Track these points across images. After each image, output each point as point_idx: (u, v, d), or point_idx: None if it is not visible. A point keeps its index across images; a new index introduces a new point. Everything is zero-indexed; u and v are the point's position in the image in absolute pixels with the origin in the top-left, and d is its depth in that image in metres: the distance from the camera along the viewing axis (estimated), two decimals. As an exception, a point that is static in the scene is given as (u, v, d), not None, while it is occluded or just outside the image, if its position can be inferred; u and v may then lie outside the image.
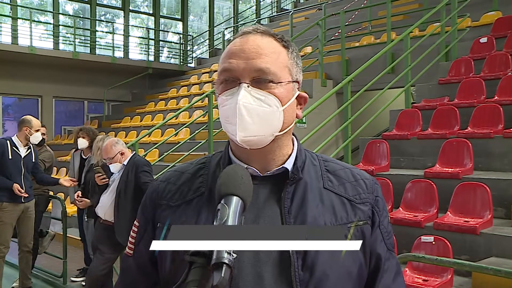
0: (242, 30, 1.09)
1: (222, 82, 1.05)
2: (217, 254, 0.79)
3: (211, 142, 7.33)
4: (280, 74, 1.04)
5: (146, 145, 9.25)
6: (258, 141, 1.03)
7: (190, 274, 0.80)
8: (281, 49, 1.07)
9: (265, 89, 1.02)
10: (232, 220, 0.84)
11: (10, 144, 5.05)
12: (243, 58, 1.03)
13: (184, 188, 1.11)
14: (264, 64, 1.02)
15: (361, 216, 1.08)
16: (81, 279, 5.79)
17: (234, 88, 1.03)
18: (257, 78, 1.02)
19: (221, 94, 1.05)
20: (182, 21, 17.74)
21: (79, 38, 14.98)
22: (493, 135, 4.94)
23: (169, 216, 1.08)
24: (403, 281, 1.15)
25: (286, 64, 1.07)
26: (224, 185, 0.90)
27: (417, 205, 4.44)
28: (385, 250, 1.11)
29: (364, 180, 1.13)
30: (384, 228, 1.12)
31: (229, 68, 1.04)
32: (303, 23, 13.96)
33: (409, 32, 6.68)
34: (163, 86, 14.97)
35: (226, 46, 1.10)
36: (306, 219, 1.03)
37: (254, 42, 1.05)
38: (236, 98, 1.01)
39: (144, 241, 1.13)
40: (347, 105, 5.84)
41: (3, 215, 5.03)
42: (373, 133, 8.69)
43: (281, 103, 1.04)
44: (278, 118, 1.04)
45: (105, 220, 4.43)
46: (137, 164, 4.34)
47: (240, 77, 1.03)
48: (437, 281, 3.47)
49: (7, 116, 14.50)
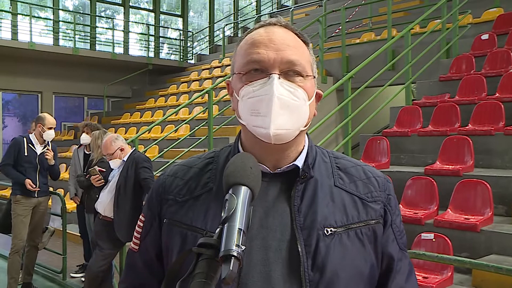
0: (264, 21, 1.07)
1: (247, 72, 1.01)
2: (226, 246, 0.76)
3: (211, 139, 7.32)
4: (307, 68, 1.02)
5: (146, 141, 9.25)
6: (286, 135, 0.99)
7: (198, 266, 0.78)
8: (303, 44, 1.06)
9: (295, 82, 1.00)
10: (241, 210, 0.82)
11: (26, 141, 5.23)
12: (272, 48, 1.00)
13: (192, 183, 1.08)
14: (295, 56, 1.00)
15: (372, 215, 1.05)
16: (81, 275, 5.79)
17: (264, 79, 0.99)
18: (287, 70, 1.00)
19: (247, 85, 1.00)
20: (182, 17, 17.71)
21: (79, 34, 14.95)
22: (494, 132, 4.93)
23: (176, 211, 1.06)
24: (416, 281, 1.12)
25: (309, 59, 1.05)
26: (232, 174, 0.87)
27: (417, 202, 4.43)
28: (398, 250, 1.08)
29: (376, 178, 1.10)
30: (397, 227, 1.09)
31: (258, 59, 0.99)
32: (304, 19, 13.93)
33: (410, 29, 6.65)
34: (163, 83, 14.95)
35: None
36: (316, 218, 1.00)
37: (281, 35, 1.02)
38: (271, 89, 0.97)
39: (150, 236, 1.11)
40: (347, 102, 5.82)
41: (16, 207, 5.19)
42: (374, 130, 8.68)
43: (308, 97, 1.02)
44: (305, 112, 1.01)
45: (104, 216, 4.43)
46: (137, 160, 4.34)
47: (270, 68, 0.99)
48: (437, 278, 3.47)
49: (7, 112, 14.49)
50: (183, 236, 1.03)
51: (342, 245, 1.00)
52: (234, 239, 0.77)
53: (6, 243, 5.93)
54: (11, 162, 5.16)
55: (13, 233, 5.23)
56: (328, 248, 0.98)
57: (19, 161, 5.17)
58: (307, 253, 0.98)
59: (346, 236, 1.01)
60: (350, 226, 1.02)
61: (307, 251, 0.98)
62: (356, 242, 1.02)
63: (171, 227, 1.06)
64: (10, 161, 5.16)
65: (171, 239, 1.05)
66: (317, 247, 0.98)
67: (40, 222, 5.45)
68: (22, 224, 5.19)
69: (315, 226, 1.00)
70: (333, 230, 1.00)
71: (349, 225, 1.02)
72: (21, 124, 14.79)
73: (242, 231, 0.79)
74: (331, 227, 1.00)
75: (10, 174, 5.18)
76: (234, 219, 0.80)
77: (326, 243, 0.99)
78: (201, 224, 1.02)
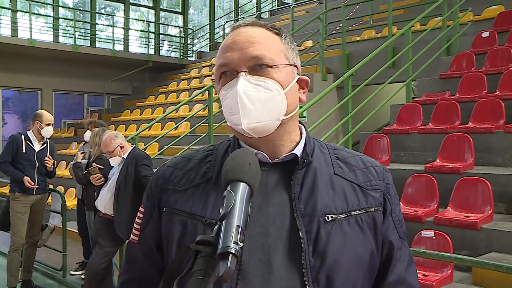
0: (232, 26, 1.11)
1: (221, 77, 1.06)
2: (223, 243, 0.77)
3: (211, 136, 7.32)
4: (276, 59, 1.04)
5: (146, 139, 9.24)
6: (264, 127, 1.02)
7: (196, 263, 0.78)
8: (274, 36, 1.07)
9: (263, 75, 1.02)
10: (239, 207, 0.82)
11: (25, 138, 5.21)
12: (236, 49, 1.03)
13: (191, 174, 1.09)
14: (258, 51, 1.02)
15: (372, 203, 1.06)
16: (81, 273, 5.79)
17: (233, 80, 1.02)
18: (254, 65, 1.02)
19: (221, 89, 1.05)
20: (182, 14, 17.68)
21: (79, 31, 14.94)
22: (494, 130, 4.93)
23: (175, 200, 1.07)
24: (415, 270, 1.14)
25: (281, 49, 1.06)
26: (230, 171, 0.87)
27: (417, 200, 4.43)
28: (397, 238, 1.10)
29: (374, 168, 1.12)
30: (396, 216, 1.10)
31: (225, 62, 1.04)
32: (304, 16, 13.91)
33: (410, 26, 6.64)
34: (163, 80, 14.94)
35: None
36: (317, 205, 1.01)
37: (245, 33, 1.05)
38: (235, 88, 1.01)
39: (150, 227, 1.12)
40: (347, 100, 5.82)
41: (15, 205, 5.18)
42: (374, 127, 8.68)
43: (282, 87, 1.03)
44: (281, 102, 1.03)
45: (104, 214, 4.42)
46: (137, 158, 4.33)
47: (236, 68, 1.03)
48: (437, 276, 3.47)
49: (7, 109, 14.48)
50: (183, 224, 1.04)
51: (342, 232, 1.01)
52: (232, 236, 0.78)
53: (6, 241, 5.93)
54: (9, 160, 5.13)
55: (12, 231, 5.23)
56: (329, 234, 1.00)
57: (17, 158, 5.14)
58: (308, 240, 0.99)
59: (347, 223, 1.02)
60: (351, 213, 1.03)
61: (308, 237, 0.99)
62: (357, 229, 1.03)
63: (171, 216, 1.07)
64: (8, 158, 5.13)
65: (171, 227, 1.06)
66: (318, 233, 0.99)
67: (39, 220, 5.44)
68: (21, 222, 5.18)
69: (316, 213, 1.01)
70: (333, 217, 1.01)
71: (350, 212, 1.03)
72: (21, 121, 14.78)
73: (240, 228, 0.79)
74: (331, 214, 1.01)
75: (8, 171, 5.16)
76: (232, 216, 0.80)
77: (327, 229, 1.00)
78: (201, 212, 1.03)
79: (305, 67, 9.29)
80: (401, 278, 1.09)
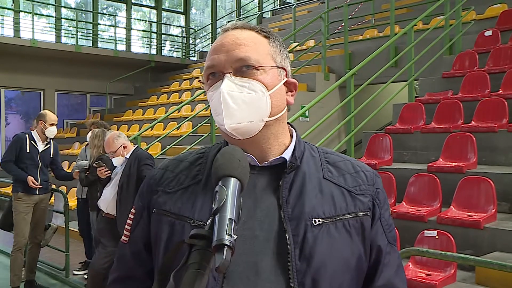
0: (222, 28, 1.12)
1: (208, 79, 1.07)
2: (218, 236, 0.78)
3: (213, 136, 7.32)
4: (262, 61, 1.05)
5: (149, 139, 9.25)
6: (247, 128, 1.03)
7: (191, 257, 0.80)
8: (262, 39, 1.09)
9: (249, 76, 1.04)
10: (231, 201, 0.83)
11: (29, 138, 5.22)
12: (223, 51, 1.05)
13: (181, 176, 1.11)
14: (244, 53, 1.04)
15: (360, 208, 1.07)
16: (83, 272, 5.80)
17: (219, 82, 1.04)
18: (239, 67, 1.04)
19: (208, 90, 1.07)
20: (184, 14, 17.69)
21: (81, 31, 14.96)
22: (497, 129, 4.92)
23: (164, 202, 1.09)
24: (404, 275, 1.14)
25: (268, 52, 1.08)
26: (221, 167, 0.89)
27: (420, 199, 4.42)
28: (386, 243, 1.10)
29: (364, 172, 1.12)
30: (385, 221, 1.10)
31: (212, 64, 1.06)
32: (306, 16, 13.90)
33: (412, 25, 6.63)
34: (166, 80, 14.95)
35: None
36: (304, 209, 1.02)
37: (233, 36, 1.07)
38: (219, 88, 1.02)
39: (139, 227, 1.14)
40: (350, 99, 5.81)
41: (18, 205, 5.19)
42: (376, 127, 8.66)
43: (267, 88, 1.04)
44: (265, 103, 1.04)
45: (107, 214, 4.43)
46: (139, 158, 4.33)
47: (223, 69, 1.04)
48: (440, 275, 3.46)
49: (10, 110, 14.51)
50: (171, 225, 1.06)
51: (329, 236, 1.01)
52: (226, 228, 0.79)
53: (9, 241, 5.94)
54: (13, 159, 5.14)
55: (15, 231, 5.24)
56: (315, 238, 1.00)
57: (21, 158, 5.15)
58: (295, 243, 0.99)
59: (334, 227, 1.02)
60: (338, 217, 1.04)
61: (294, 241, 0.99)
62: (344, 234, 1.03)
63: (160, 217, 1.08)
64: (12, 158, 5.14)
65: (160, 228, 1.08)
66: (305, 237, 1.00)
67: (41, 219, 5.45)
68: (24, 222, 5.19)
69: (303, 216, 1.01)
70: (321, 221, 1.02)
71: (337, 216, 1.04)
72: (24, 121, 14.81)
73: (233, 221, 0.81)
74: (319, 218, 1.02)
75: (12, 170, 5.17)
76: (225, 210, 0.82)
77: (314, 233, 1.01)
78: (189, 213, 1.04)
79: (307, 67, 9.29)
80: (389, 283, 1.09)
